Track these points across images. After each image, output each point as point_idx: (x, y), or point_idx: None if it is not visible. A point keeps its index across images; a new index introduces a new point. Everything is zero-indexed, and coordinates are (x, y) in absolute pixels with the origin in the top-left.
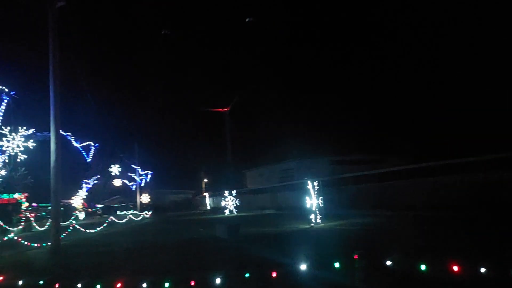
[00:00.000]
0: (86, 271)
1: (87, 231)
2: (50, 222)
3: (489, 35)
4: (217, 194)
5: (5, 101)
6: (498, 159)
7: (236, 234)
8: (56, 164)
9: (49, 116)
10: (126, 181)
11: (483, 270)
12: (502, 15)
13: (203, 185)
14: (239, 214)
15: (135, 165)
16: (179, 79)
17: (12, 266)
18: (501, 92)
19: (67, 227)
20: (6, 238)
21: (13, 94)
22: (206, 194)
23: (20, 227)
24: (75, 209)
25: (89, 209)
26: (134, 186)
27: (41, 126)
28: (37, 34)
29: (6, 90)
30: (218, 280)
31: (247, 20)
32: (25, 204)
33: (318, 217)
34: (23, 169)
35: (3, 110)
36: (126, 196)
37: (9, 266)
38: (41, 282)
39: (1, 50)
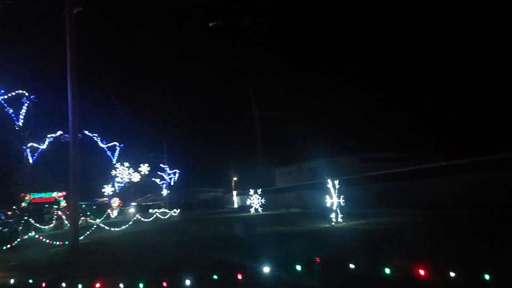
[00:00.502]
0: (95, 269)
1: (112, 229)
2: (82, 219)
3: None
4: (245, 192)
5: (26, 104)
6: None
7: (252, 233)
8: (74, 167)
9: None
10: (157, 180)
11: (452, 275)
12: None
13: (233, 184)
14: (264, 213)
15: (165, 164)
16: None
17: (25, 264)
18: None
19: (93, 225)
20: (26, 237)
21: (33, 98)
22: (234, 192)
23: (52, 225)
24: (108, 207)
25: (122, 207)
26: (164, 185)
27: (62, 129)
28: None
29: (26, 94)
30: (187, 282)
31: (210, 24)
32: (63, 203)
33: (339, 216)
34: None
35: (24, 114)
36: (159, 195)
37: (22, 265)
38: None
39: (22, 55)
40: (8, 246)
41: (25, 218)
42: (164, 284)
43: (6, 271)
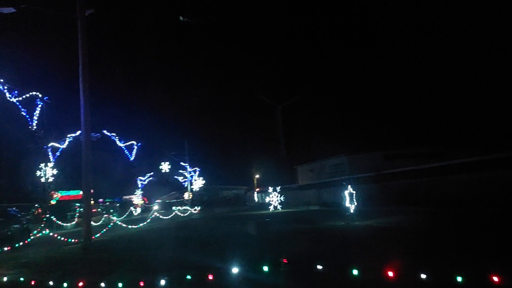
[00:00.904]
0: (102, 266)
1: (129, 226)
2: (105, 217)
3: None
4: (265, 190)
5: (39, 106)
6: None
7: (264, 231)
8: (86, 166)
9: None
10: (179, 178)
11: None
12: None
13: (255, 181)
14: (283, 211)
15: (186, 162)
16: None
17: (35, 262)
18: None
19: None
20: (39, 235)
21: (46, 99)
22: (257, 189)
23: (74, 222)
24: (132, 204)
25: (147, 205)
26: (186, 183)
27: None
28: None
29: (40, 95)
30: (162, 282)
31: (182, 19)
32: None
33: (355, 214)
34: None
35: (37, 115)
36: (182, 192)
37: (33, 262)
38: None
39: (35, 58)
40: (21, 243)
41: (47, 215)
42: (141, 284)
43: (15, 268)
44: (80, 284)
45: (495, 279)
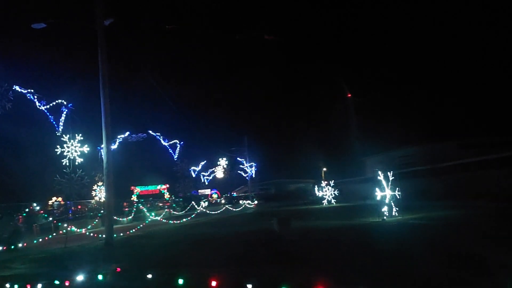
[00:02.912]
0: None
1: (170, 222)
2: (166, 211)
3: None
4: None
5: (64, 112)
6: None
7: (287, 228)
8: (108, 167)
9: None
10: (242, 173)
11: None
12: None
13: (323, 174)
14: (336, 205)
15: (246, 158)
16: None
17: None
18: None
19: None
20: (62, 232)
21: (71, 106)
22: (325, 183)
23: (130, 217)
24: (198, 198)
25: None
26: (249, 177)
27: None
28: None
29: (65, 103)
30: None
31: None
32: (166, 195)
33: (394, 209)
34: (80, 170)
35: (63, 121)
36: (251, 186)
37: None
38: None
39: (58, 66)
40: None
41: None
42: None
43: (28, 263)
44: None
45: None
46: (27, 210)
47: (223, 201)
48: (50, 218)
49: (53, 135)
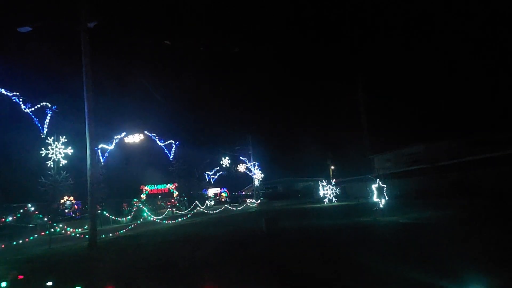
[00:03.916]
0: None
1: (165, 222)
2: (168, 210)
3: None
4: (339, 181)
5: (49, 115)
6: None
7: (273, 228)
8: (91, 169)
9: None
10: (248, 172)
11: None
12: None
13: (331, 172)
14: (336, 204)
15: (250, 156)
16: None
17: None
18: None
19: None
20: (44, 233)
21: (55, 108)
22: (333, 181)
23: (129, 216)
24: (203, 198)
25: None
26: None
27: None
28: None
29: (49, 105)
30: None
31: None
32: (175, 194)
33: (387, 209)
34: (64, 172)
35: (47, 123)
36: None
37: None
38: None
39: (43, 67)
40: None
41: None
42: None
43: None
44: None
45: None
46: (21, 211)
47: (228, 200)
48: (45, 219)
49: (38, 137)
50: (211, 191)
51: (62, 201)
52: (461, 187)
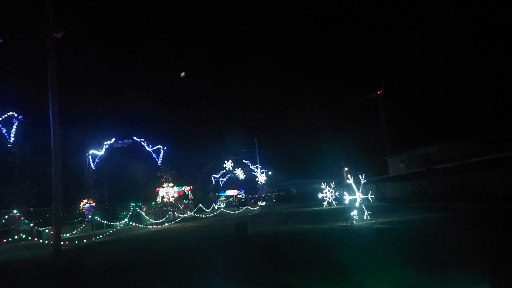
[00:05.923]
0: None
1: (149, 227)
2: (170, 214)
3: None
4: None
5: (15, 124)
6: None
7: (243, 232)
8: (55, 176)
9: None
10: (257, 175)
11: None
12: None
13: (344, 174)
14: (335, 207)
15: (256, 159)
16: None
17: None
18: None
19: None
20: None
21: (21, 118)
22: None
23: (124, 221)
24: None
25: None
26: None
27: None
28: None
29: (16, 115)
30: None
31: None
32: (190, 196)
33: (366, 213)
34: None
35: (14, 132)
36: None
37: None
38: None
39: (8, 77)
40: None
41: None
42: None
43: None
44: None
45: None
46: (6, 216)
47: (235, 203)
48: (31, 224)
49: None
50: (228, 193)
51: (81, 204)
52: (456, 190)
